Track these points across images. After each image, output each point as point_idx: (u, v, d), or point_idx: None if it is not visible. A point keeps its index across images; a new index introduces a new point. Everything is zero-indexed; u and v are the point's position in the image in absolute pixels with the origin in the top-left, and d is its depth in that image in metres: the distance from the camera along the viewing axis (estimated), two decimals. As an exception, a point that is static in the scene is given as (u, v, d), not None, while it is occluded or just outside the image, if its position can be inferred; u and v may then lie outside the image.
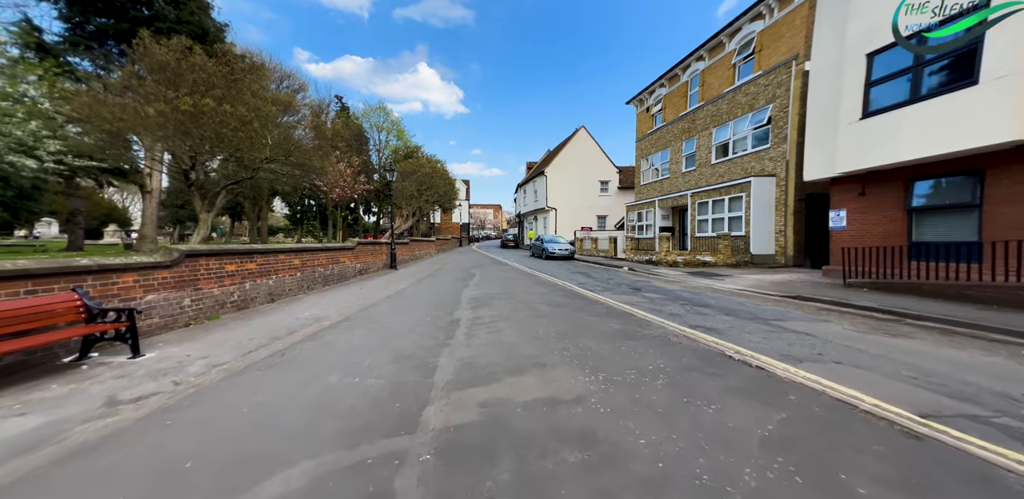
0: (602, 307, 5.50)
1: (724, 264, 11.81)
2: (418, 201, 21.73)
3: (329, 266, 8.44)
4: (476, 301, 6.22)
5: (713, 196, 13.55)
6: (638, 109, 21.41)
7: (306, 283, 7.35)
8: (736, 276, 9.41)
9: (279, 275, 6.46)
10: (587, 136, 27.94)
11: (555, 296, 6.71)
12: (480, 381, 2.68)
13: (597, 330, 4.06)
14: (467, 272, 11.52)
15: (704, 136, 15.34)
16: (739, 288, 7.58)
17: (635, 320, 4.59)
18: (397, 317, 5.11)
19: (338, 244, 9.20)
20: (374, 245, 11.66)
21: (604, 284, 8.56)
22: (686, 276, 9.85)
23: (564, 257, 17.67)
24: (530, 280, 9.42)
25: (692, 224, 14.83)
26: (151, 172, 11.34)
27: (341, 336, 4.12)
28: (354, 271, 9.85)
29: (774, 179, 11.57)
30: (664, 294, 7.00)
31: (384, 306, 6.01)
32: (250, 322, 4.76)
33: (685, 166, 17.01)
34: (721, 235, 11.95)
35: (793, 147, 10.88)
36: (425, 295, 7.13)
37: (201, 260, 4.75)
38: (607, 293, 7.14)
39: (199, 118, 7.11)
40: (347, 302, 6.33)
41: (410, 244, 15.95)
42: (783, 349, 3.32)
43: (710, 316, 4.92)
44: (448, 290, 7.72)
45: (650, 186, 20.05)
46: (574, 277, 10.05)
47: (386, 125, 33.18)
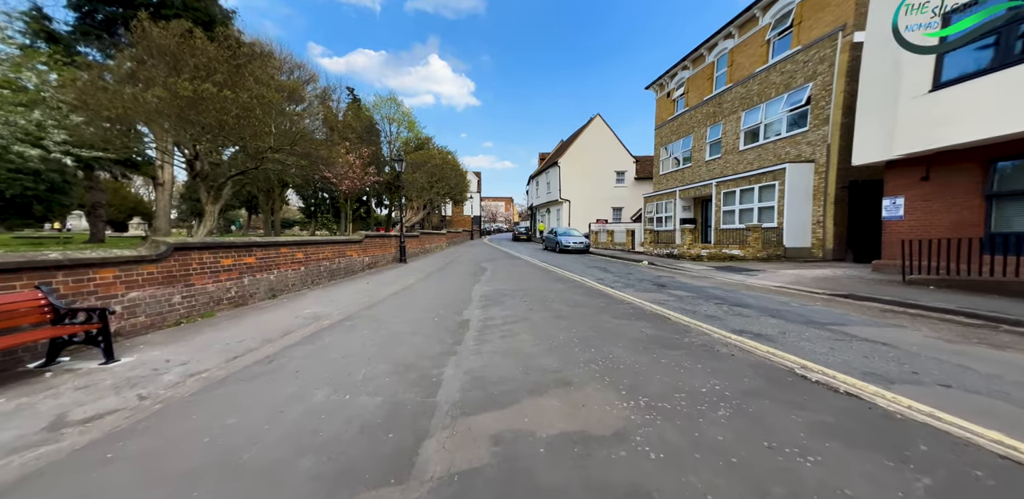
0: (627, 307, 4.95)
1: (754, 258, 11.00)
2: (428, 193, 21.33)
3: (335, 260, 8.11)
4: (487, 299, 5.75)
5: (741, 185, 12.64)
6: (658, 94, 20.28)
7: (310, 278, 7.03)
8: (770, 271, 8.65)
9: (281, 270, 6.13)
10: (602, 124, 26.84)
11: (573, 293, 6.18)
12: (492, 404, 2.20)
13: (626, 336, 3.53)
14: (478, 266, 11.08)
15: (731, 121, 14.29)
16: (777, 285, 6.88)
17: (669, 324, 4.03)
18: (402, 317, 4.69)
19: (344, 237, 8.86)
20: (383, 238, 11.32)
21: (624, 280, 7.97)
22: (713, 271, 9.14)
23: (579, 250, 17.04)
24: (545, 275, 8.90)
25: (716, 215, 13.95)
26: (163, 164, 11.22)
27: (339, 339, 3.71)
28: (362, 265, 9.52)
29: (812, 165, 10.60)
30: (693, 292, 6.37)
31: (389, 304, 5.60)
32: (245, 321, 4.41)
33: (709, 154, 15.99)
34: (751, 227, 11.11)
35: (836, 129, 9.88)
36: (434, 291, 6.71)
37: (193, 254, 4.41)
38: (629, 290, 6.57)
39: (199, 104, 6.78)
40: (351, 299, 5.97)
41: (420, 237, 15.60)
42: (862, 364, 2.71)
43: (754, 319, 4.31)
44: (458, 286, 7.28)
45: (670, 176, 19.06)
46: (591, 272, 9.47)
47: (397, 117, 32.79)
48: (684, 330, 3.73)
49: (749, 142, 13.54)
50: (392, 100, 32.72)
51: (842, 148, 9.82)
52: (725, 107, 14.68)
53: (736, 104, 13.99)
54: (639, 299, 5.57)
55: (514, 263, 12.11)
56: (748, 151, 13.47)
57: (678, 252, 12.76)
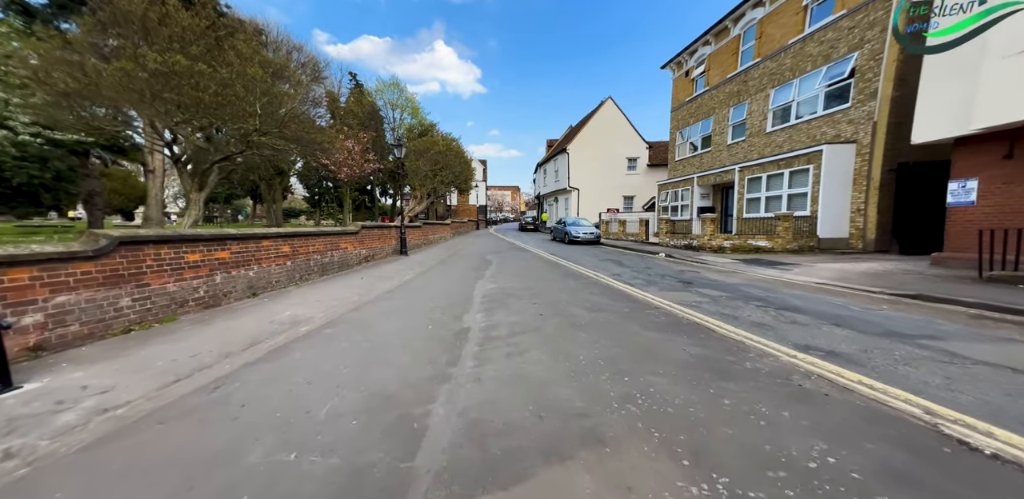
0: (656, 313, 4.19)
1: (783, 250, 10.08)
2: (432, 182, 20.52)
3: (328, 253, 7.46)
4: (491, 300, 5.04)
5: (768, 170, 11.59)
6: (675, 74, 18.91)
7: (299, 273, 6.40)
8: (805, 265, 7.79)
9: (263, 265, 5.49)
10: (614, 108, 25.47)
11: (589, 293, 5.44)
12: (493, 477, 1.50)
13: (666, 357, 2.79)
14: (483, 259, 10.37)
15: (758, 100, 13.09)
16: (820, 281, 6.05)
17: (715, 338, 3.27)
18: (392, 323, 4.02)
19: (338, 228, 8.19)
20: (382, 229, 10.64)
21: (644, 276, 7.19)
22: (740, 265, 8.30)
23: (589, 242, 16.21)
24: (555, 270, 8.15)
25: (739, 204, 12.96)
26: (152, 149, 10.59)
27: (311, 354, 3.06)
28: (358, 258, 8.88)
29: (853, 146, 9.52)
30: (727, 290, 5.58)
31: (381, 305, 4.94)
32: (210, 327, 3.78)
33: (732, 137, 14.83)
34: (780, 216, 10.15)
35: (885, 104, 8.75)
36: (432, 289, 6.03)
37: (147, 249, 3.76)
38: (651, 288, 5.80)
39: (171, 80, 6.04)
40: (340, 297, 5.32)
41: (423, 227, 14.92)
42: (1018, 410, 1.94)
43: (814, 328, 3.53)
44: (460, 282, 6.60)
45: (687, 162, 17.93)
46: (605, 266, 8.70)
47: (400, 102, 31.67)
48: (738, 348, 2.97)
49: (778, 123, 12.38)
50: (395, 85, 31.55)
51: (892, 125, 8.73)
52: (751, 85, 13.44)
53: (764, 81, 12.76)
54: (666, 301, 4.80)
55: (521, 256, 11.38)
56: (777, 133, 12.34)
57: (697, 243, 11.89)
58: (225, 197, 29.84)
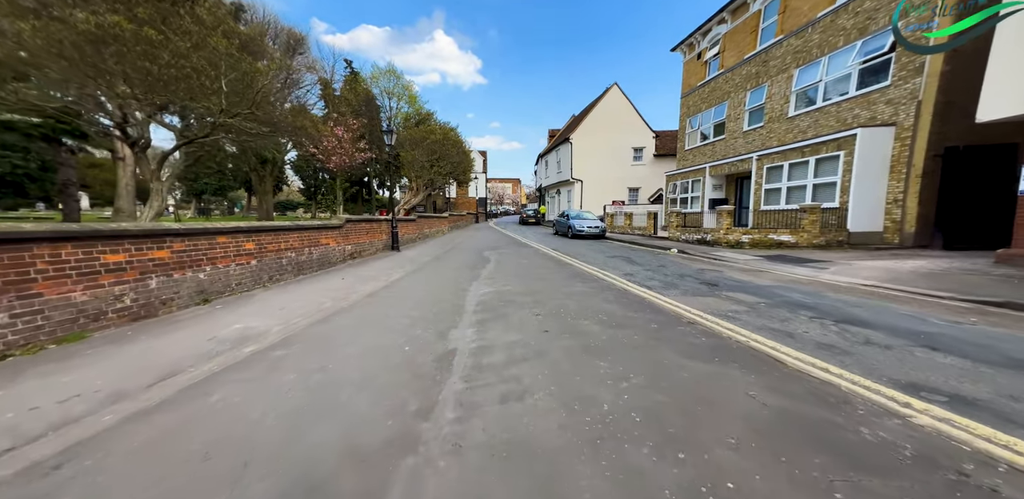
0: (691, 330, 3.36)
1: (809, 245, 9.22)
2: (429, 173, 19.55)
3: (305, 250, 6.63)
4: (486, 308, 4.22)
5: (791, 158, 10.64)
6: (686, 56, 17.75)
7: (267, 274, 5.58)
8: (840, 262, 6.94)
9: (219, 265, 4.66)
10: (620, 95, 24.27)
11: (602, 300, 4.61)
12: None
13: (730, 409, 1.96)
14: (480, 255, 9.54)
15: (780, 81, 12.04)
16: (867, 283, 5.21)
17: (787, 373, 2.42)
18: (361, 340, 3.21)
19: (318, 222, 7.34)
20: (371, 223, 9.79)
21: (660, 276, 6.36)
22: (764, 262, 7.46)
23: (593, 236, 15.35)
24: (559, 269, 7.32)
25: (756, 195, 12.05)
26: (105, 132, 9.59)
27: (237, 394, 2.25)
28: (342, 255, 8.05)
29: (892, 129, 8.56)
30: (763, 295, 4.75)
31: (357, 313, 4.13)
32: (124, 349, 2.97)
33: (748, 123, 13.82)
34: (807, 207, 9.25)
35: (933, 81, 7.76)
36: (420, 293, 5.21)
37: (40, 249, 2.92)
38: (673, 292, 4.97)
39: (111, 46, 5.11)
40: (310, 303, 4.51)
41: (418, 221, 14.06)
42: None
43: (904, 353, 2.71)
44: (452, 284, 5.77)
45: (698, 151, 16.93)
46: (615, 264, 7.86)
47: (396, 90, 30.41)
48: (827, 393, 2.12)
49: (802, 106, 11.37)
50: (391, 72, 30.25)
51: (940, 105, 7.76)
52: (772, 65, 12.37)
53: (787, 60, 11.69)
54: (696, 311, 3.97)
55: (521, 252, 10.54)
56: (801, 117, 11.34)
57: (712, 238, 11.02)
58: (216, 189, 28.87)
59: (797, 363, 2.52)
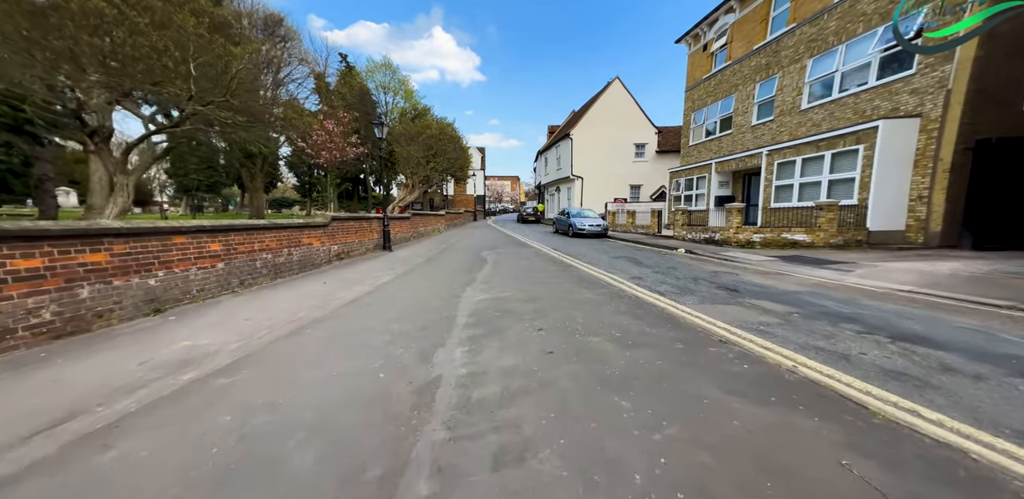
0: (724, 351, 2.81)
1: (826, 244, 8.69)
2: (424, 169, 18.91)
3: (284, 251, 6.06)
4: (480, 320, 3.67)
5: (804, 152, 10.09)
6: (691, 48, 17.13)
7: (237, 278, 5.01)
8: (864, 263, 6.41)
9: (175, 269, 4.08)
10: (621, 89, 23.63)
11: (613, 310, 4.06)
12: None
13: (814, 484, 1.42)
14: (477, 256, 8.97)
15: (792, 72, 11.46)
16: (904, 288, 4.68)
17: (875, 423, 1.87)
18: (328, 363, 2.66)
19: (300, 221, 6.76)
20: (360, 221, 9.20)
21: (672, 279, 5.81)
22: (780, 263, 6.93)
23: (595, 235, 14.79)
24: (561, 272, 6.76)
25: (766, 192, 11.51)
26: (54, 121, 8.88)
27: (143, 449, 1.69)
28: (327, 256, 7.48)
29: (918, 121, 8.01)
30: (792, 303, 4.21)
31: (330, 326, 3.57)
32: (14, 383, 2.38)
33: (757, 117, 13.25)
34: (823, 205, 8.71)
35: (965, 67, 7.20)
36: (407, 300, 4.65)
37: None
38: (688, 299, 4.43)
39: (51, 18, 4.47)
40: (280, 314, 3.95)
41: (412, 219, 13.47)
42: None
43: (1005, 385, 2.17)
44: (444, 289, 5.21)
45: (703, 146, 16.36)
46: (621, 266, 7.31)
47: (392, 85, 29.77)
48: (952, 459, 1.57)
49: (816, 98, 10.80)
50: (387, 66, 29.56)
51: (971, 93, 7.21)
52: (784, 56, 11.78)
53: (800, 50, 11.11)
54: (722, 324, 3.43)
55: (521, 252, 9.97)
56: (814, 110, 10.77)
57: (721, 237, 10.48)
58: (207, 185, 28.16)
59: (878, 404, 1.97)
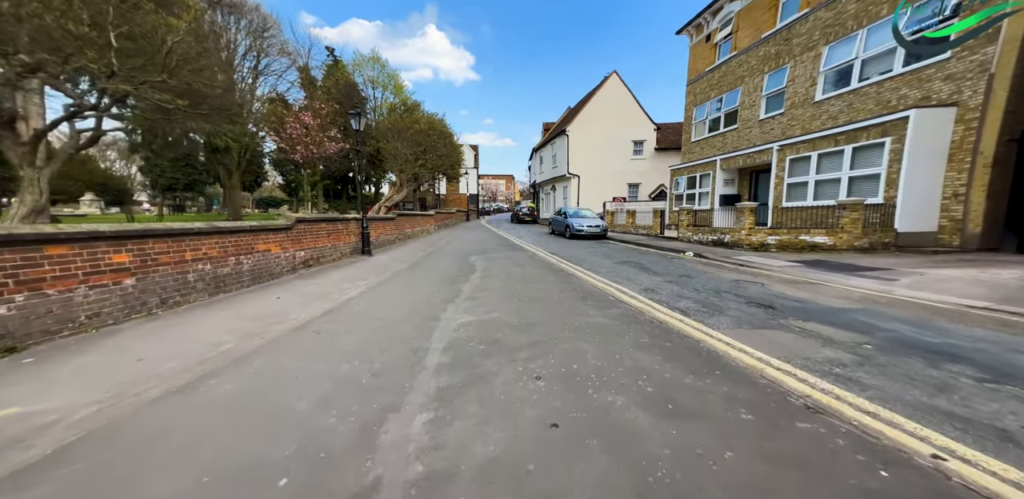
0: (824, 430, 1.90)
1: (849, 247, 7.90)
2: (414, 166, 17.88)
3: (228, 260, 5.06)
4: (459, 359, 2.73)
5: (821, 147, 9.31)
6: (693, 39, 16.33)
7: (157, 296, 4.00)
8: (904, 270, 5.59)
9: (49, 291, 3.08)
10: (619, 84, 22.80)
11: (633, 344, 3.15)
12: None
13: None
14: (465, 262, 8.02)
15: (805, 61, 10.67)
16: (978, 304, 3.86)
17: None
18: (202, 455, 1.69)
19: (255, 223, 5.75)
20: (334, 223, 8.19)
21: (691, 291, 4.93)
22: (806, 270, 6.11)
23: (594, 236, 13.93)
24: (562, 283, 5.84)
25: (776, 190, 10.74)
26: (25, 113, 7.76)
27: None
28: (290, 264, 6.47)
29: (954, 110, 7.23)
30: (851, 327, 3.35)
31: (248, 371, 2.60)
32: None
33: (766, 110, 12.47)
34: (846, 204, 7.91)
35: (1012, 48, 6.43)
36: (370, 324, 3.69)
37: None
38: (721, 322, 3.55)
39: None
40: (194, 348, 2.97)
41: (397, 220, 12.46)
42: None
43: None
44: (420, 307, 4.26)
45: (706, 142, 15.57)
46: (627, 272, 6.42)
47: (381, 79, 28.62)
48: None
49: (832, 89, 10.02)
50: (375, 60, 28.41)
51: (1018, 79, 6.44)
52: (796, 44, 10.99)
53: (815, 37, 10.31)
54: (783, 364, 2.55)
55: (514, 256, 9.04)
56: (830, 101, 9.99)
57: (731, 239, 9.66)
58: (186, 184, 26.74)
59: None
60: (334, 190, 31.35)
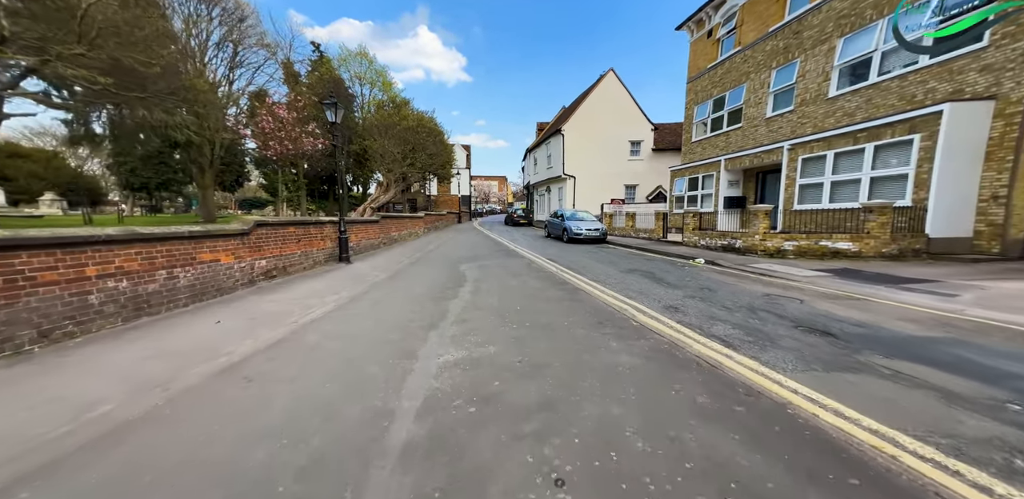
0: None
1: (877, 254, 7.21)
2: (401, 166, 16.88)
3: (158, 274, 4.07)
4: (436, 434, 1.84)
5: (837, 145, 8.68)
6: (693, 35, 15.74)
7: (31, 328, 3.01)
8: (952, 282, 4.87)
9: None
10: (616, 82, 22.16)
11: (684, 404, 2.30)
12: None
13: None
14: (454, 271, 7.10)
15: (817, 55, 10.06)
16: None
17: None
18: None
19: (198, 229, 4.75)
20: (305, 227, 7.21)
21: (721, 311, 4.11)
22: (838, 280, 5.37)
23: (593, 240, 13.14)
24: (568, 299, 4.98)
25: (788, 192, 10.09)
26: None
27: None
28: (246, 276, 5.47)
29: (990, 104, 6.61)
30: (962, 370, 2.57)
31: (121, 454, 1.64)
32: None
33: (773, 108, 11.85)
34: (873, 207, 7.23)
35: (1066, 37, 5.80)
36: (322, 365, 2.76)
37: None
38: (780, 359, 2.75)
39: None
40: (46, 416, 2.01)
41: (382, 222, 11.46)
42: None
43: None
44: (393, 337, 3.34)
45: (708, 142, 14.95)
46: (639, 284, 5.59)
47: (369, 75, 27.51)
48: None
49: (848, 84, 9.40)
50: (362, 55, 27.31)
51: (1073, 70, 5.80)
52: (807, 37, 10.38)
53: (828, 29, 9.71)
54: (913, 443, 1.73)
55: (509, 264, 8.15)
56: (846, 97, 9.37)
57: (744, 244, 8.94)
58: (159, 184, 25.21)
59: None
60: (320, 191, 30.04)
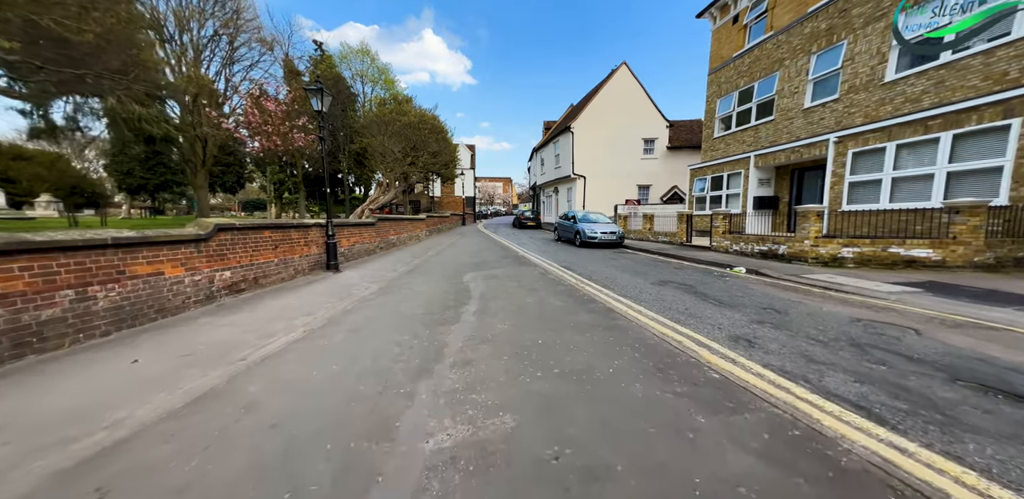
0: None
1: (967, 263, 5.99)
2: (402, 165, 15.92)
3: (68, 294, 3.06)
4: None
5: (900, 136, 7.50)
6: (716, 23, 14.58)
7: None
8: None
9: None
10: (629, 76, 21.03)
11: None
12: None
13: None
14: (457, 283, 6.02)
15: (871, 34, 8.85)
16: None
17: None
18: None
19: (132, 233, 3.75)
20: (283, 230, 6.20)
21: (825, 353, 2.99)
22: (943, 300, 4.22)
23: (609, 244, 12.01)
24: (602, 326, 3.87)
25: (834, 191, 8.94)
26: None
27: None
28: (202, 291, 4.45)
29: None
30: None
31: None
32: None
33: (813, 97, 10.64)
34: (961, 207, 6.02)
35: None
36: (246, 450, 1.66)
37: None
38: (973, 442, 1.55)
39: None
40: None
41: (378, 225, 10.45)
42: None
43: None
44: (368, 386, 2.24)
45: (733, 138, 13.74)
46: (681, 302, 4.45)
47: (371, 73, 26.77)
48: None
49: (908, 66, 8.18)
50: (364, 52, 26.60)
51: None
52: (856, 14, 9.19)
53: (885, 3, 8.49)
54: None
55: (522, 275, 7.04)
56: (907, 80, 8.14)
57: (788, 250, 7.77)
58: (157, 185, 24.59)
59: None
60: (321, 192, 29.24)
